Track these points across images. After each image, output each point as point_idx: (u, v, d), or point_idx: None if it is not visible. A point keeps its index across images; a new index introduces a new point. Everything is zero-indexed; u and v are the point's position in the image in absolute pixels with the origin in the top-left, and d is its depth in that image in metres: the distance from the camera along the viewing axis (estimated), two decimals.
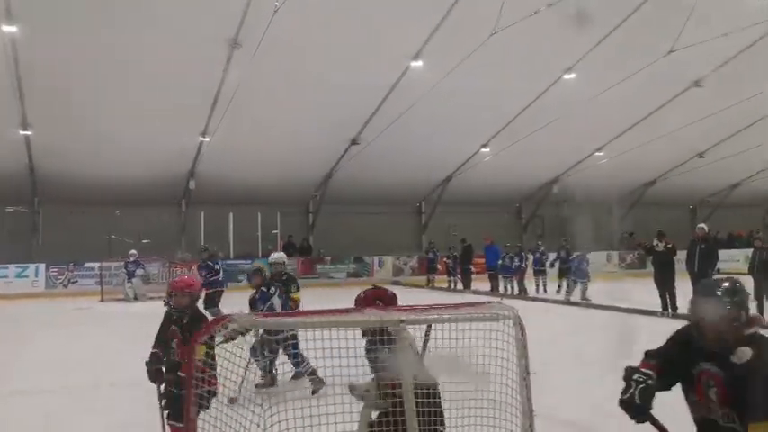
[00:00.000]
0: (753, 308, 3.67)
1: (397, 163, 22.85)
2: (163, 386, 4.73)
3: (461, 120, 20.99)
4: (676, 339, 2.96)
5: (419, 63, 17.87)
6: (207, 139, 20.09)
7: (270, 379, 7.33)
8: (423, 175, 25.04)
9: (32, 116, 18.00)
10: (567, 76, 19.13)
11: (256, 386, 6.92)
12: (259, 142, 20.41)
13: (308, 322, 3.02)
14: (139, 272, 18.83)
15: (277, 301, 7.60)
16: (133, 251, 18.95)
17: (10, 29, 14.58)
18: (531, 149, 22.05)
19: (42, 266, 21.07)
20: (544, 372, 3.38)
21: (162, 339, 4.95)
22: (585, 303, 15.98)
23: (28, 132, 18.54)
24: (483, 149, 23.65)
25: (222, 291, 13.30)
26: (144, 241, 20.19)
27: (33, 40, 15.11)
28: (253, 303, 7.77)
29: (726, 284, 2.78)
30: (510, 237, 23.40)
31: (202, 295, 10.49)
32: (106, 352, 9.62)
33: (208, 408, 3.20)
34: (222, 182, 21.97)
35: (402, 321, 2.98)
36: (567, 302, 16.66)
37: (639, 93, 19.54)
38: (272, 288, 7.73)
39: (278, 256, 8.88)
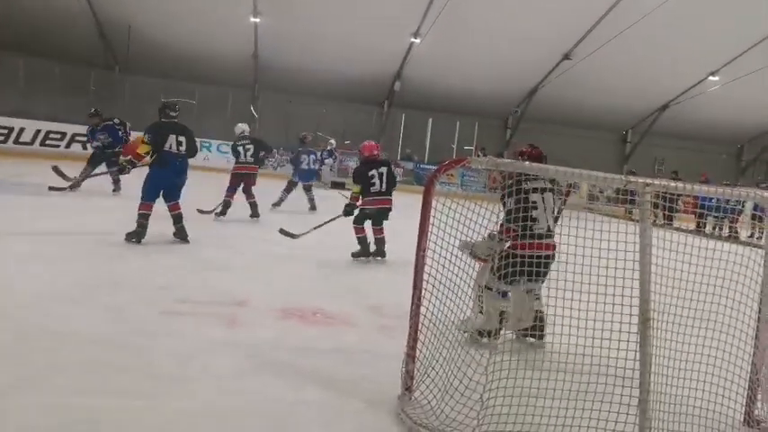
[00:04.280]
0: None
1: (608, 84, 21.56)
2: None
3: (688, 43, 19.08)
4: None
5: None
6: (418, 41, 20.17)
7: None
8: (634, 101, 23.33)
9: (263, 4, 19.17)
10: None
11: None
12: (468, 50, 20.08)
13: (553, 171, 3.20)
14: (328, 161, 19.41)
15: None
16: (332, 140, 19.55)
17: None
18: None
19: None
20: None
21: None
22: None
23: (257, 20, 19.80)
24: (711, 77, 21.36)
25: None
26: (347, 142, 20.78)
27: None
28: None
29: None
30: (725, 179, 21.22)
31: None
32: None
33: None
34: (426, 86, 22.08)
35: (648, 185, 2.98)
36: None
37: None
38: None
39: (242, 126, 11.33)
